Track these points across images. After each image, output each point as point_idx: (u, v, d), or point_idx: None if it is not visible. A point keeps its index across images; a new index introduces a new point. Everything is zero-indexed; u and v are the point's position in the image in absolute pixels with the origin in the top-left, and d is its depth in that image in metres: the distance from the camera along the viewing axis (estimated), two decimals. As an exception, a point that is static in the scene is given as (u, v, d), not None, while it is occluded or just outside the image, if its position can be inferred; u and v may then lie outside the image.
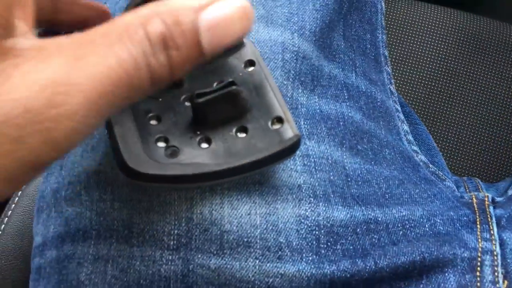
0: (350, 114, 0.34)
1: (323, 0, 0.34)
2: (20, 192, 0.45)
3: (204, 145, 0.27)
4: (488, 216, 0.32)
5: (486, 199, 0.34)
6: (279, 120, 0.27)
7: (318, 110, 0.32)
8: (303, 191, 0.28)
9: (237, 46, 0.29)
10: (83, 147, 0.29)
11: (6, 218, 0.44)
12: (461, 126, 0.52)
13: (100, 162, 0.28)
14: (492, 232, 0.31)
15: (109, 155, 0.29)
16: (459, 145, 0.51)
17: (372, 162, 0.33)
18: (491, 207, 0.33)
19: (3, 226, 0.44)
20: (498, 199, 0.34)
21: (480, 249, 0.30)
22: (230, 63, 0.29)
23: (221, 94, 0.26)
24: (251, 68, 0.29)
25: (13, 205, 0.45)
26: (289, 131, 0.26)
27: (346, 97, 0.34)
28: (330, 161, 0.30)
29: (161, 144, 0.27)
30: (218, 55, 0.29)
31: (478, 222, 0.32)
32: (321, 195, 0.29)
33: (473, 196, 0.35)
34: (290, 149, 0.26)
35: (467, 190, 0.37)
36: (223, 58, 0.29)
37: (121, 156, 0.25)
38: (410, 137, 0.38)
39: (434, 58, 0.53)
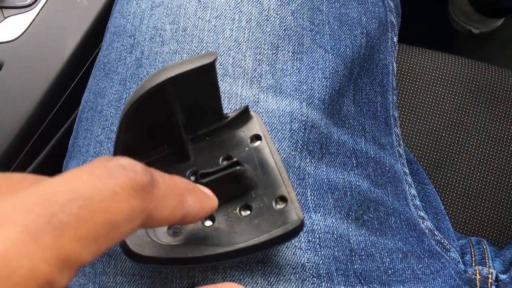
0: (357, 182, 0.33)
1: (333, 67, 0.34)
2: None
3: (208, 223, 0.27)
4: None
5: (490, 276, 0.33)
6: (283, 199, 0.27)
7: (325, 180, 0.32)
8: (307, 270, 0.28)
9: (245, 119, 0.29)
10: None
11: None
12: (471, 178, 0.51)
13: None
14: None
15: (114, 227, 0.29)
16: (468, 198, 0.50)
17: (377, 233, 0.32)
18: (494, 287, 0.32)
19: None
20: (502, 276, 0.34)
21: None
22: (236, 136, 0.29)
23: (225, 174, 0.26)
24: (257, 143, 0.29)
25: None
26: (293, 213, 0.26)
27: (354, 165, 0.34)
28: (335, 236, 0.30)
29: None
30: (226, 128, 0.30)
31: None
32: (324, 274, 0.28)
33: (477, 271, 0.34)
34: (293, 232, 0.26)
35: (473, 259, 0.37)
36: (230, 131, 0.29)
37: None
38: (417, 201, 0.38)
39: (444, 109, 0.53)
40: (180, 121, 0.27)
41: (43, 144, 0.47)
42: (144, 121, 0.26)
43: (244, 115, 0.29)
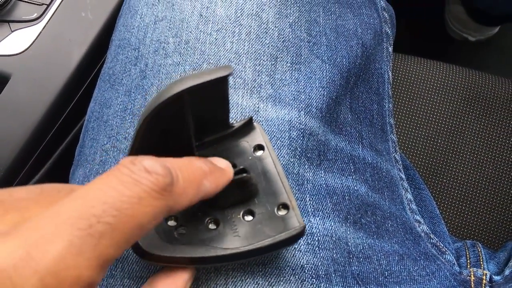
0: (355, 187, 0.34)
1: (330, 77, 0.35)
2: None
3: (212, 227, 0.28)
4: None
5: (484, 277, 0.34)
6: (285, 206, 0.28)
7: (324, 185, 0.33)
8: (306, 271, 0.29)
9: (248, 129, 0.31)
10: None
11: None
12: (466, 184, 0.52)
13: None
14: None
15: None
16: (463, 203, 0.51)
17: (375, 236, 0.34)
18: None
19: None
20: (495, 278, 0.35)
21: None
22: (240, 146, 0.30)
23: (232, 180, 0.27)
24: (260, 152, 0.30)
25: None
26: (294, 220, 0.27)
27: (352, 170, 0.35)
28: (334, 239, 0.31)
29: (172, 223, 0.28)
30: (230, 137, 0.31)
31: None
32: (323, 275, 0.29)
33: (472, 273, 0.35)
34: (295, 237, 0.27)
35: (468, 262, 0.38)
36: (234, 140, 0.31)
37: None
38: (413, 205, 0.39)
39: (439, 116, 0.54)
40: (191, 129, 0.29)
41: (49, 153, 0.48)
42: (158, 128, 0.28)
43: (248, 126, 0.31)
